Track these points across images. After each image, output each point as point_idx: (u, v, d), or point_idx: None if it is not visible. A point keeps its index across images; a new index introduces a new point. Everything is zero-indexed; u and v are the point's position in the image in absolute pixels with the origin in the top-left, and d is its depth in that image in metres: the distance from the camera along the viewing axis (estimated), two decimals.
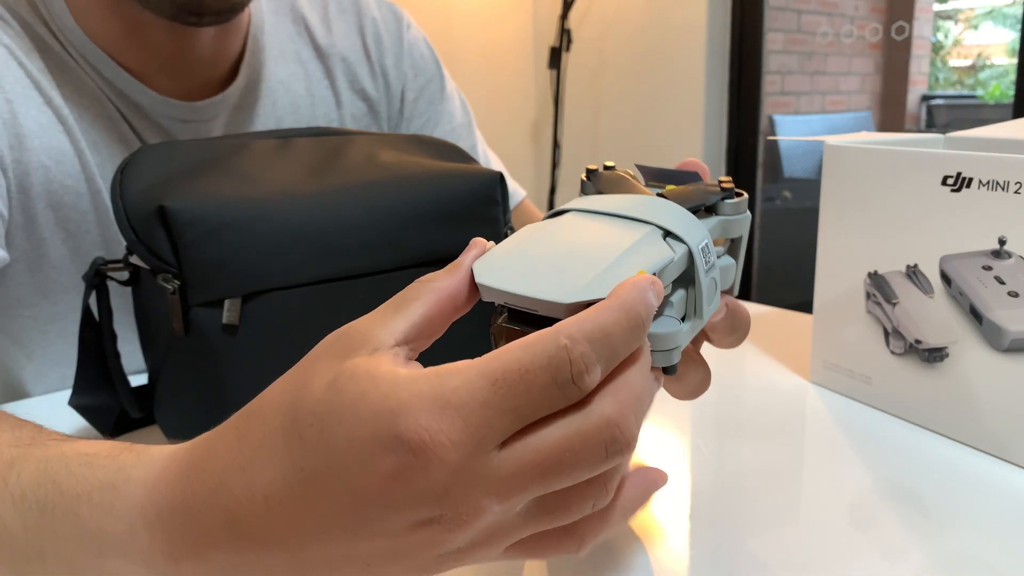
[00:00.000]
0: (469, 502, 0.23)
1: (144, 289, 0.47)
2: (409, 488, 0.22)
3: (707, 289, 0.29)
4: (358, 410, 0.22)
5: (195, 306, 0.42)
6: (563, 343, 0.22)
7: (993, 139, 0.53)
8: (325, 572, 0.24)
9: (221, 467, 0.25)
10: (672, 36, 2.28)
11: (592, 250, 0.27)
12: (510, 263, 0.27)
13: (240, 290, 0.42)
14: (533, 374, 0.22)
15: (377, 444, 0.22)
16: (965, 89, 2.84)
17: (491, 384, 0.22)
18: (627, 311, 0.24)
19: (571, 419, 0.23)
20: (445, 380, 0.22)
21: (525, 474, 0.23)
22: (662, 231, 0.28)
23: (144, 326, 0.49)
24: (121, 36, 0.58)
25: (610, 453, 0.23)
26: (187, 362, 0.44)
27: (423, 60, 0.78)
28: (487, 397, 0.22)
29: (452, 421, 0.22)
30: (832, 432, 0.52)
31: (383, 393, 0.22)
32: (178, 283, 0.42)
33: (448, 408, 0.22)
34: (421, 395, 0.22)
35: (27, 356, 0.62)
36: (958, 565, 0.37)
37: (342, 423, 0.22)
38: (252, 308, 0.43)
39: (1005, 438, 0.47)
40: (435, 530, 0.23)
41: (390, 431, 0.22)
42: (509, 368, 0.22)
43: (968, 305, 0.48)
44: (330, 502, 0.23)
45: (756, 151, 2.28)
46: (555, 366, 0.22)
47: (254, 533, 0.24)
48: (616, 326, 0.23)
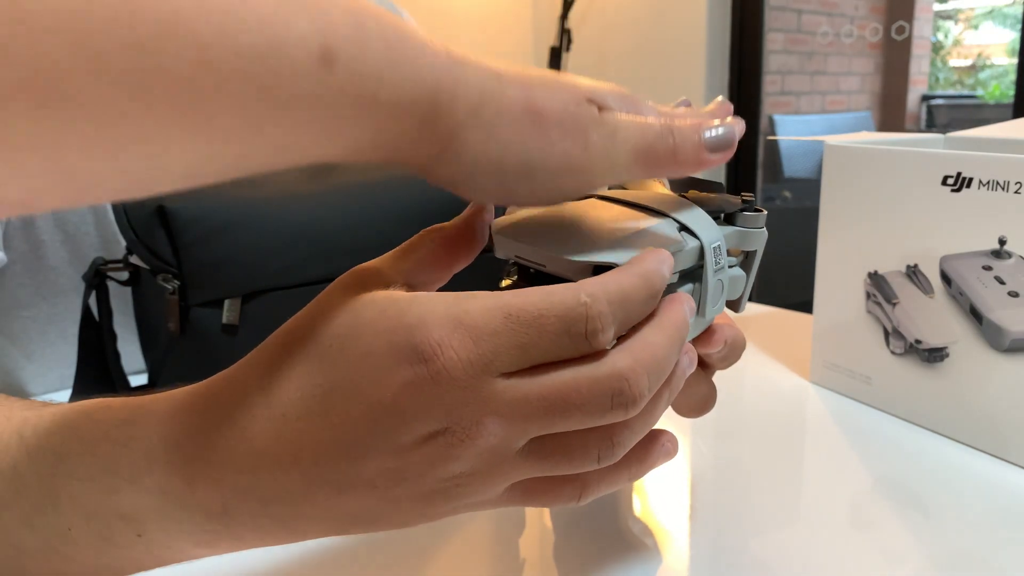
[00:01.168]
0: (473, 417, 0.24)
1: (144, 289, 0.47)
2: (419, 398, 0.23)
3: (713, 288, 0.30)
4: (376, 325, 0.24)
5: (195, 306, 0.42)
6: (584, 299, 0.24)
7: (993, 139, 0.53)
8: (333, 493, 0.25)
9: (240, 389, 0.25)
10: (672, 36, 2.28)
11: (608, 223, 0.29)
12: (528, 224, 0.28)
13: (240, 290, 0.42)
14: (547, 319, 0.23)
15: (391, 355, 0.23)
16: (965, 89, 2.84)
17: (505, 316, 0.23)
18: (646, 279, 0.25)
19: (584, 366, 0.24)
20: (462, 302, 0.24)
21: (530, 403, 0.24)
22: (678, 224, 0.29)
23: (144, 326, 0.49)
24: None
25: (615, 404, 0.24)
26: (187, 362, 0.44)
27: None
28: (498, 327, 0.23)
29: (462, 339, 0.23)
30: (832, 432, 0.52)
31: (401, 309, 0.24)
32: (178, 283, 0.42)
33: (460, 327, 0.23)
34: (436, 312, 0.23)
35: (27, 357, 0.62)
36: (958, 565, 0.37)
37: (360, 338, 0.24)
38: (252, 308, 0.43)
39: (1005, 438, 0.47)
40: (439, 445, 0.24)
41: (405, 342, 0.23)
42: (525, 308, 0.24)
43: (968, 305, 0.48)
44: (345, 414, 0.24)
45: (756, 151, 2.28)
46: (571, 318, 0.24)
47: (269, 451, 0.24)
48: (634, 291, 0.25)
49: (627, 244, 0.27)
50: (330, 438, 0.24)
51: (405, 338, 0.23)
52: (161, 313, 0.43)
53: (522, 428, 0.24)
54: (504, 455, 0.25)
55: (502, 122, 0.25)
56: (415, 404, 0.23)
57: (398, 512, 0.26)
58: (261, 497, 0.25)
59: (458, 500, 0.26)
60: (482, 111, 0.24)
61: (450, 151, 0.25)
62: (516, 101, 0.25)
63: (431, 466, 0.24)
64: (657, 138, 0.27)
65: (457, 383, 0.23)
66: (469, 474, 0.25)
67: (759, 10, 2.22)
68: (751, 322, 0.76)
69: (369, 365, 0.23)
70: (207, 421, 0.26)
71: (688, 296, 0.28)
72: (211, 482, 0.25)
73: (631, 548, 0.38)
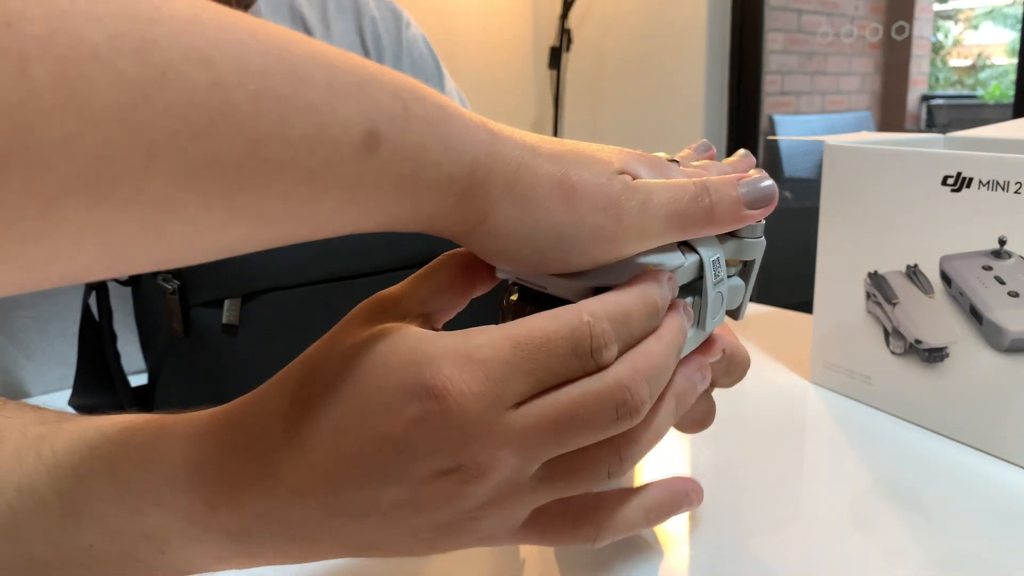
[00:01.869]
0: (486, 453, 0.24)
1: (143, 289, 0.47)
2: (430, 434, 0.23)
3: (712, 301, 0.30)
4: (387, 361, 0.24)
5: (195, 306, 0.42)
6: (586, 319, 0.24)
7: (993, 139, 0.53)
8: (350, 521, 0.25)
9: (261, 418, 0.26)
10: (672, 36, 2.27)
11: None
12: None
13: (240, 290, 0.42)
14: (554, 342, 0.24)
15: (402, 391, 0.23)
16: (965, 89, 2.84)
17: (514, 346, 0.24)
18: (645, 298, 0.26)
19: (586, 381, 0.25)
20: (471, 338, 0.24)
21: (540, 428, 0.24)
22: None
23: (144, 326, 0.49)
24: None
25: (620, 415, 0.25)
26: (187, 362, 0.44)
27: (422, 59, 0.78)
28: (508, 356, 0.24)
29: (473, 373, 0.23)
30: (832, 432, 0.52)
31: (410, 347, 0.24)
32: (178, 283, 0.42)
33: (471, 361, 0.23)
34: (446, 348, 0.24)
35: (27, 356, 0.62)
36: (957, 565, 0.37)
37: (372, 373, 0.24)
38: (252, 308, 0.43)
39: (1005, 438, 0.47)
40: (453, 480, 0.24)
41: (416, 379, 0.23)
42: (532, 334, 0.24)
43: (968, 305, 0.48)
44: (358, 448, 0.24)
45: (756, 151, 2.28)
46: (576, 338, 0.24)
47: (288, 479, 0.25)
48: (635, 309, 0.26)
49: (625, 264, 0.28)
50: (344, 470, 0.24)
51: (415, 375, 0.23)
52: (161, 313, 0.43)
53: (535, 454, 0.25)
54: (519, 484, 0.25)
55: (536, 196, 0.25)
56: (426, 440, 0.24)
57: (414, 541, 0.26)
58: (280, 521, 0.26)
59: (474, 533, 0.26)
60: (517, 186, 0.25)
61: (486, 224, 0.25)
62: (551, 176, 0.25)
63: (447, 500, 0.25)
64: (692, 201, 0.28)
65: (469, 418, 0.23)
66: (485, 506, 0.25)
67: (759, 10, 2.22)
68: (751, 322, 0.76)
69: (380, 401, 0.24)
70: (229, 448, 0.26)
71: (684, 302, 0.29)
72: (232, 507, 0.26)
73: (631, 547, 0.38)
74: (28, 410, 0.32)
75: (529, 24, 2.60)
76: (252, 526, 0.26)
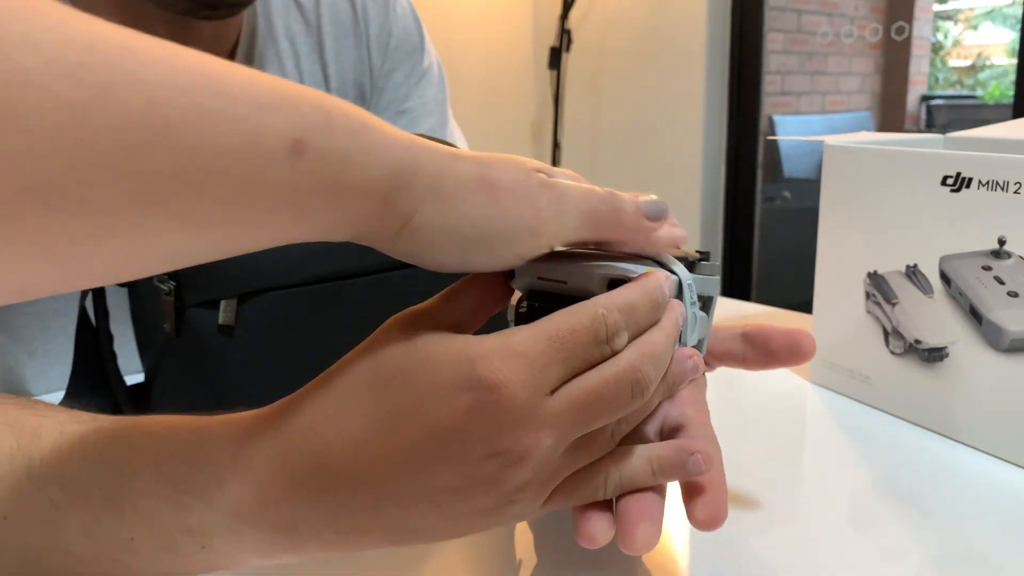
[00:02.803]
0: (531, 436, 0.27)
1: (140, 290, 0.46)
2: (483, 420, 0.26)
3: (690, 319, 0.34)
4: (438, 360, 0.27)
5: (190, 307, 0.42)
6: (600, 312, 0.28)
7: (993, 139, 0.53)
8: (398, 509, 0.27)
9: (309, 418, 0.28)
10: (672, 36, 2.27)
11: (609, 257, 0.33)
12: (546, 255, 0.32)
13: (236, 290, 0.42)
14: (579, 332, 0.28)
15: (456, 385, 0.26)
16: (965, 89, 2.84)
17: (548, 339, 0.27)
18: (648, 292, 0.30)
19: (605, 366, 0.28)
20: (511, 335, 0.27)
21: (573, 410, 0.27)
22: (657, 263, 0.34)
23: (140, 327, 0.48)
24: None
25: (634, 392, 0.28)
26: (183, 363, 0.44)
27: (406, 31, 0.76)
28: (545, 348, 0.27)
29: (519, 365, 0.26)
30: (832, 432, 0.52)
31: (459, 346, 0.27)
32: (173, 284, 0.41)
33: (516, 355, 0.26)
34: (492, 346, 0.27)
35: (28, 354, 0.62)
36: (957, 565, 0.37)
37: (424, 370, 0.27)
38: (248, 308, 0.43)
39: (1005, 438, 0.47)
40: (499, 463, 0.27)
41: (469, 373, 0.26)
42: (561, 327, 0.27)
43: (968, 305, 0.48)
44: (412, 437, 0.26)
45: (756, 151, 2.28)
46: (595, 327, 0.28)
47: (340, 472, 0.27)
48: (639, 302, 0.29)
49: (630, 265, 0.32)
50: (399, 459, 0.27)
51: (469, 370, 0.26)
52: (156, 314, 0.43)
53: (568, 432, 0.28)
54: (552, 462, 0.28)
55: (459, 194, 0.27)
56: (479, 427, 0.26)
57: (457, 526, 0.29)
58: (330, 513, 0.28)
59: (510, 512, 0.29)
60: (440, 186, 0.27)
61: (411, 224, 0.27)
62: (472, 175, 0.28)
63: (491, 484, 0.27)
64: (601, 202, 0.31)
65: (517, 404, 0.26)
66: (523, 488, 0.28)
67: (759, 10, 2.22)
68: (751, 322, 0.75)
69: (435, 394, 0.26)
70: (280, 444, 0.28)
71: (679, 302, 0.32)
72: (283, 502, 0.27)
73: None
74: (61, 410, 0.34)
75: (529, 24, 2.60)
76: (301, 520, 0.28)
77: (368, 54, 0.74)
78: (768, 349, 0.40)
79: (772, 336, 0.40)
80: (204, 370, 0.43)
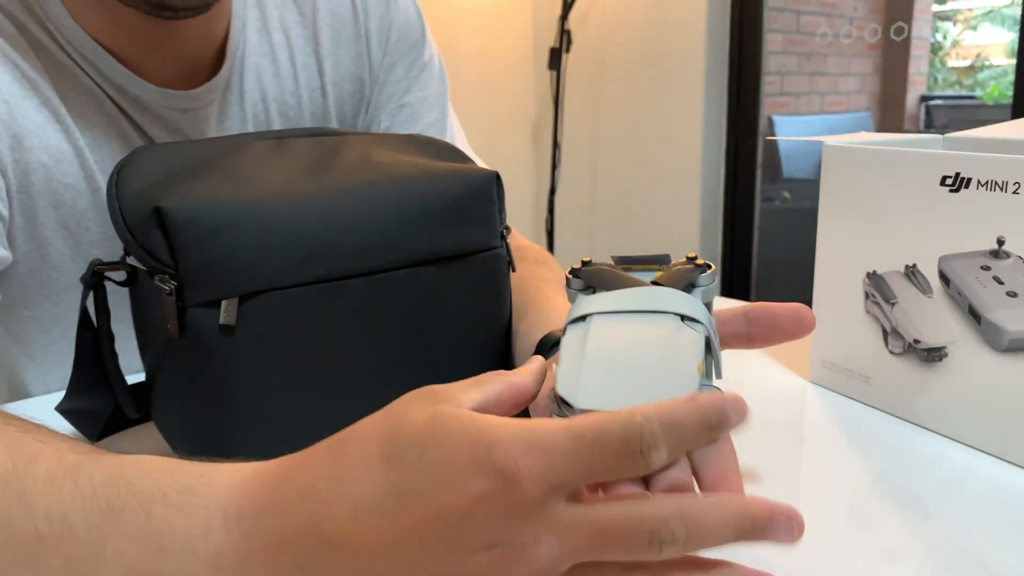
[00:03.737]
0: (534, 534, 0.25)
1: (141, 290, 0.46)
2: (490, 510, 0.25)
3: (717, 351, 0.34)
4: (456, 440, 0.26)
5: (192, 307, 0.42)
6: (639, 420, 0.26)
7: (991, 139, 0.53)
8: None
9: (312, 477, 0.27)
10: (672, 37, 2.27)
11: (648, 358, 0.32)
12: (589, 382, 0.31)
13: (237, 290, 0.42)
14: (609, 437, 0.26)
15: (471, 468, 0.25)
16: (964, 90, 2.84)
17: (574, 437, 0.25)
18: (700, 411, 0.28)
19: (636, 503, 0.26)
20: (535, 426, 0.26)
21: (583, 529, 0.26)
22: (679, 316, 0.33)
23: (141, 327, 0.48)
24: (111, 29, 0.57)
25: (651, 543, 0.26)
26: (185, 363, 0.44)
27: (407, 25, 0.75)
28: (568, 447, 0.25)
29: (538, 459, 0.25)
30: (831, 431, 0.52)
31: (480, 428, 0.26)
32: (175, 284, 0.41)
33: (536, 447, 0.25)
34: (514, 432, 0.25)
35: (29, 356, 0.62)
36: (956, 564, 0.37)
37: (442, 448, 0.26)
38: (249, 308, 0.43)
39: (1004, 438, 0.47)
40: (496, 555, 0.25)
41: (486, 459, 0.25)
42: (590, 427, 0.26)
43: (967, 305, 0.48)
44: (417, 515, 0.25)
45: (755, 151, 2.28)
46: (628, 435, 0.26)
47: (333, 538, 0.26)
48: (686, 418, 0.27)
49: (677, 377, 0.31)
50: (397, 535, 0.26)
51: (486, 454, 0.25)
52: (158, 314, 0.43)
53: (572, 550, 0.26)
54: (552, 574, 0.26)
55: None
56: (484, 514, 0.25)
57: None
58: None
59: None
60: None
61: None
62: None
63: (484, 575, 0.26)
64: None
65: (528, 499, 0.25)
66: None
67: (758, 11, 2.22)
68: None
69: (448, 474, 0.25)
70: (277, 499, 0.27)
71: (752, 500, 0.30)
72: (266, 560, 0.27)
73: None
74: (63, 438, 0.33)
75: (529, 25, 2.60)
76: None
77: (367, 48, 0.73)
78: (775, 325, 0.38)
79: (776, 312, 0.38)
80: (205, 370, 0.43)
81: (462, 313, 0.50)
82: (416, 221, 0.47)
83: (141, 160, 0.46)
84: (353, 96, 0.73)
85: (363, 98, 0.74)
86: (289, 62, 0.69)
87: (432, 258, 0.48)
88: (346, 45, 0.72)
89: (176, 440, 0.48)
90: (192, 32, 0.60)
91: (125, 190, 0.44)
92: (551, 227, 2.52)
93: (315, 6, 0.70)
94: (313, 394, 0.45)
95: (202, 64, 0.63)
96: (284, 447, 0.45)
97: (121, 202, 0.43)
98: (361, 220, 0.45)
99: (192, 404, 0.45)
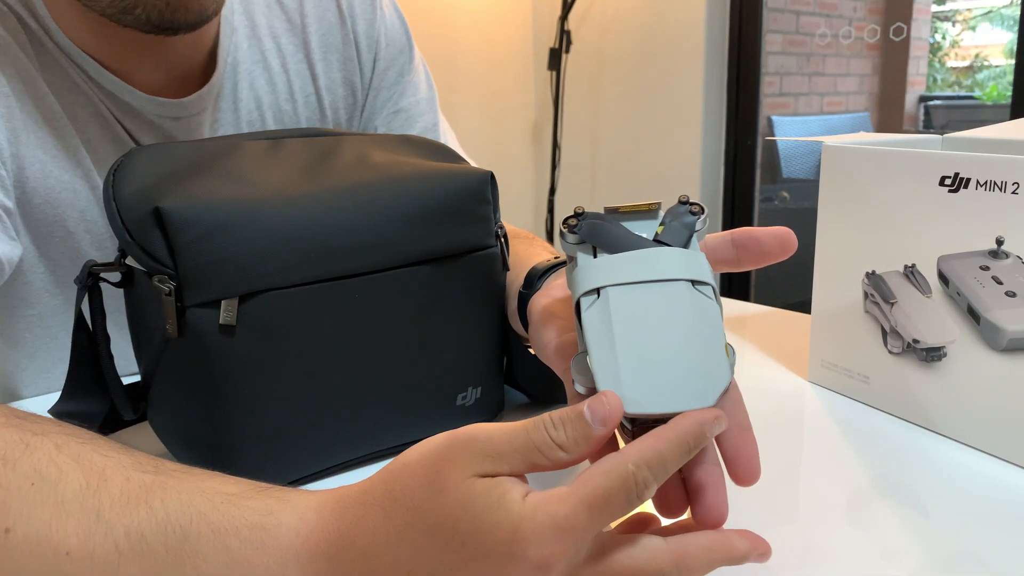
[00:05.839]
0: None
1: (138, 291, 0.46)
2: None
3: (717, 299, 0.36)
4: (495, 536, 0.29)
5: (191, 307, 0.42)
6: (631, 469, 0.30)
7: (991, 140, 0.53)
8: None
9: (371, 538, 0.31)
10: (671, 37, 2.28)
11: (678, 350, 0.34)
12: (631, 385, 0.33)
13: (236, 290, 0.42)
14: (614, 496, 0.30)
15: (510, 561, 0.29)
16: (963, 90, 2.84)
17: (588, 509, 0.29)
18: (680, 442, 0.31)
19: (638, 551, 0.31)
20: (556, 510, 0.29)
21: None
22: (691, 282, 0.35)
23: (137, 328, 0.48)
24: (100, 42, 0.57)
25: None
26: (183, 363, 0.44)
27: (394, 30, 0.76)
28: (585, 520, 0.29)
29: (565, 544, 0.29)
30: (830, 431, 0.52)
31: (513, 524, 0.29)
32: (174, 284, 0.41)
33: (563, 534, 0.29)
34: (544, 527, 0.29)
35: (29, 356, 0.62)
36: (956, 564, 0.37)
37: (481, 543, 0.30)
38: (249, 308, 0.43)
39: (1003, 437, 0.47)
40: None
41: (523, 555, 0.29)
42: (597, 494, 0.29)
43: (966, 305, 0.48)
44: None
45: (754, 152, 2.28)
46: (628, 489, 0.30)
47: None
48: (669, 453, 0.31)
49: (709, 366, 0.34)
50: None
51: (522, 551, 0.29)
52: (155, 314, 0.43)
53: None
54: None
55: None
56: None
57: None
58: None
59: None
60: None
61: None
62: None
63: None
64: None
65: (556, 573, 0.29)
66: None
67: (757, 11, 2.22)
68: (750, 322, 0.76)
69: (489, 563, 0.29)
70: (342, 553, 0.31)
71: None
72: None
73: None
74: (122, 450, 0.36)
75: (529, 25, 2.60)
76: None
77: (357, 52, 0.73)
78: (761, 248, 0.40)
79: (760, 236, 0.41)
80: (205, 369, 0.43)
81: (458, 311, 0.50)
82: (413, 221, 0.47)
83: (136, 161, 0.46)
84: (347, 100, 0.73)
85: (356, 103, 0.74)
86: (281, 69, 0.69)
87: (428, 257, 0.48)
88: (336, 50, 0.72)
89: (173, 441, 0.48)
90: (183, 41, 0.60)
91: (122, 191, 0.43)
92: (551, 227, 2.52)
93: (303, 12, 0.70)
94: (312, 392, 0.45)
95: (192, 72, 0.63)
96: (283, 447, 0.46)
97: (118, 203, 0.43)
98: (359, 220, 0.45)
99: (191, 404, 0.45)
